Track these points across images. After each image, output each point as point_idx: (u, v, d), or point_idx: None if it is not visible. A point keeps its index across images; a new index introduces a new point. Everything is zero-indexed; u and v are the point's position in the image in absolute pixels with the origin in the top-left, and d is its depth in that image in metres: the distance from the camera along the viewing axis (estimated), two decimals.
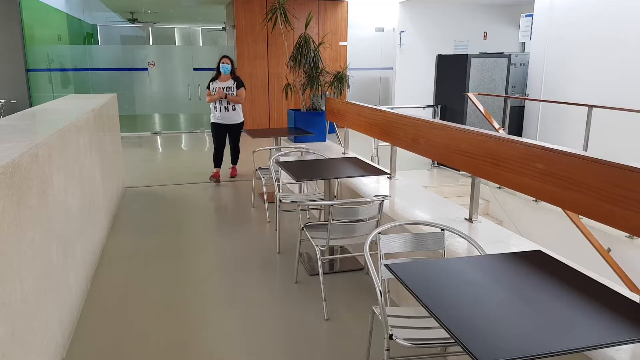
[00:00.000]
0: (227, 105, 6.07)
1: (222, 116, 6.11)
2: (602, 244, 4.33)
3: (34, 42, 9.43)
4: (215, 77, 6.09)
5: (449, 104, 7.56)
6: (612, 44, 6.37)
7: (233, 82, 6.08)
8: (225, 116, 6.13)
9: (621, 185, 2.02)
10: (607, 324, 1.46)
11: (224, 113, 6.11)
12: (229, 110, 6.12)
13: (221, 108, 6.07)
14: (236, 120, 6.18)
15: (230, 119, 6.16)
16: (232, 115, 6.15)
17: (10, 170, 1.95)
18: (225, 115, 6.13)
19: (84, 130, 3.65)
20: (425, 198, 3.79)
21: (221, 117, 6.12)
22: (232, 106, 6.08)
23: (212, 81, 6.10)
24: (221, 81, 6.04)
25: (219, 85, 6.06)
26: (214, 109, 6.11)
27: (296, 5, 9.87)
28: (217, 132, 6.21)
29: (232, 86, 6.03)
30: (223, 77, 6.05)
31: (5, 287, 1.83)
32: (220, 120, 6.14)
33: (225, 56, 6.07)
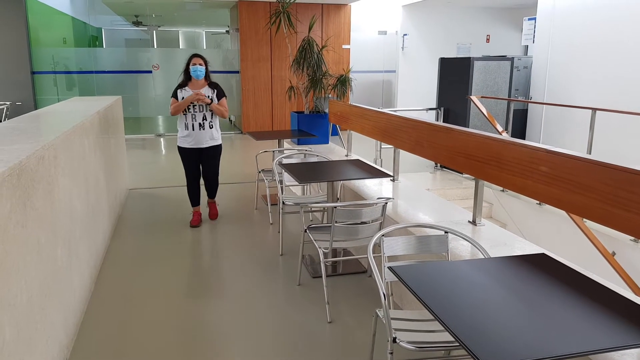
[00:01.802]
0: (204, 120, 4.47)
1: (196, 137, 4.50)
2: (607, 247, 4.32)
3: (39, 45, 9.48)
4: (183, 84, 4.51)
5: (452, 107, 7.56)
6: (615, 47, 6.37)
7: (212, 90, 4.51)
8: (200, 137, 4.50)
9: (625, 188, 2.02)
10: (612, 328, 1.46)
11: (199, 133, 4.48)
12: (205, 127, 4.47)
13: (195, 125, 4.45)
14: (214, 141, 4.60)
15: (206, 140, 4.53)
16: (209, 135, 4.54)
17: (17, 172, 1.96)
18: (200, 135, 4.49)
19: (88, 132, 3.67)
20: (429, 201, 3.79)
21: (194, 139, 4.50)
22: (210, 122, 4.50)
23: (179, 89, 4.49)
24: (193, 89, 4.49)
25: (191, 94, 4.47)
26: (184, 127, 4.48)
27: (299, 8, 9.90)
28: (188, 160, 4.60)
29: (211, 95, 4.50)
30: (195, 83, 4.50)
31: (11, 288, 1.85)
32: (192, 144, 4.52)
33: (196, 55, 4.50)
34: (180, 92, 4.47)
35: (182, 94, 4.45)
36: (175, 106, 4.44)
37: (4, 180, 1.81)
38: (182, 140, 4.56)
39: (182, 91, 4.47)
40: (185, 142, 4.53)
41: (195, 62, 4.42)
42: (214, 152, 4.65)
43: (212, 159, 4.66)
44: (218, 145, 4.64)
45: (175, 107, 4.44)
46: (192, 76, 4.45)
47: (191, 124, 4.47)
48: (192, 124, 4.46)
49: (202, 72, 4.45)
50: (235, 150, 8.76)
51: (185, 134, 4.52)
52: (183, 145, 4.56)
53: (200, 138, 4.50)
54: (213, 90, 4.51)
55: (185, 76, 4.51)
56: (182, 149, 4.57)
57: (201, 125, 4.47)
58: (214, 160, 4.69)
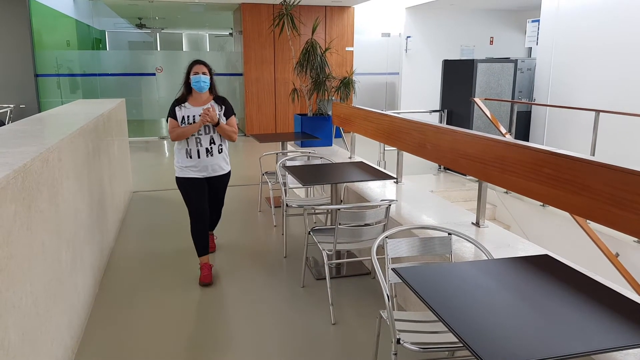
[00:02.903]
0: (212, 144, 3.51)
1: (204, 164, 3.53)
2: (610, 248, 4.31)
3: (43, 48, 9.53)
4: (182, 99, 3.53)
5: (456, 109, 7.56)
6: (619, 49, 6.35)
7: (219, 107, 3.56)
8: (210, 164, 3.55)
9: (629, 189, 2.02)
10: (615, 328, 1.46)
11: (208, 160, 3.53)
12: (213, 153, 3.53)
13: (201, 151, 3.48)
14: (223, 168, 3.67)
15: (215, 167, 3.60)
16: (219, 161, 3.60)
17: (22, 175, 1.97)
18: (209, 162, 3.54)
19: (92, 135, 3.69)
20: (432, 202, 3.79)
21: (202, 166, 3.53)
22: (220, 146, 3.56)
23: (178, 105, 3.51)
24: (195, 105, 3.51)
25: (195, 111, 3.47)
26: (186, 154, 3.49)
27: (303, 11, 9.92)
28: (195, 193, 3.55)
29: (218, 113, 3.52)
30: (197, 97, 3.53)
31: (17, 290, 1.86)
32: (199, 173, 3.54)
33: (198, 62, 3.54)
34: (179, 110, 3.46)
35: (182, 113, 3.45)
36: (179, 132, 3.40)
37: (8, 183, 1.83)
38: (184, 170, 3.51)
39: (181, 109, 3.46)
40: (190, 171, 3.52)
41: (198, 71, 3.45)
42: (225, 181, 3.73)
43: (221, 190, 3.76)
44: (228, 172, 3.73)
45: (179, 133, 3.41)
46: (194, 88, 3.48)
47: (196, 151, 3.45)
48: (198, 150, 3.45)
49: (207, 83, 3.48)
50: (238, 153, 8.77)
51: (189, 164, 3.51)
52: (187, 174, 3.50)
53: (209, 164, 3.55)
54: (220, 107, 3.54)
55: (185, 89, 3.55)
56: (187, 180, 3.51)
57: (209, 150, 3.48)
58: (223, 189, 3.78)
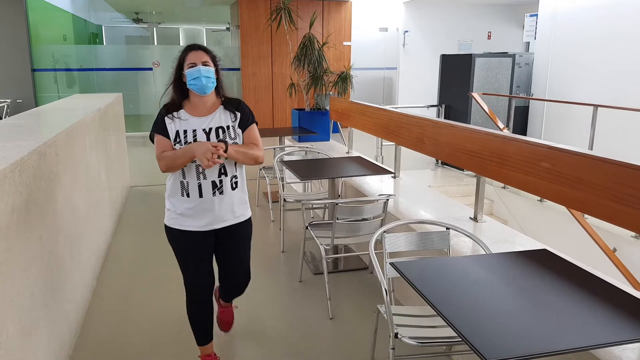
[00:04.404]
0: (224, 174, 2.27)
1: (209, 209, 2.28)
2: (608, 243, 4.32)
3: (39, 42, 9.48)
4: (174, 105, 2.28)
5: (453, 104, 7.55)
6: (617, 43, 6.35)
7: (232, 114, 2.31)
8: (218, 208, 2.29)
9: (627, 184, 2.02)
10: (614, 323, 1.46)
11: (214, 201, 2.28)
12: (224, 189, 2.28)
13: (204, 187, 2.24)
14: (241, 213, 2.39)
15: (226, 213, 2.33)
16: (233, 201, 2.34)
17: (18, 169, 1.96)
18: (217, 205, 2.29)
19: (90, 129, 3.67)
20: (430, 197, 3.79)
21: (205, 215, 2.28)
22: (234, 177, 2.31)
23: (167, 115, 2.26)
24: (196, 113, 2.27)
25: (193, 126, 2.23)
26: (182, 190, 2.25)
27: (300, 5, 9.88)
28: (193, 256, 2.35)
29: (231, 124, 2.29)
30: (198, 102, 2.27)
31: (14, 285, 1.85)
32: (200, 223, 2.29)
33: (194, 47, 2.24)
34: (170, 122, 2.21)
35: (175, 126, 2.20)
36: (171, 159, 2.16)
37: (5, 177, 1.82)
38: (178, 218, 2.25)
39: (173, 120, 2.21)
40: (186, 220, 2.24)
41: (196, 61, 2.17)
42: (244, 230, 2.40)
43: (241, 247, 2.41)
44: (249, 218, 2.41)
45: (170, 161, 2.17)
46: (191, 89, 2.20)
47: (196, 186, 2.21)
48: (199, 186, 2.21)
49: (212, 78, 2.20)
50: None
51: (184, 207, 2.23)
52: (181, 225, 2.25)
53: (218, 211, 2.26)
54: (234, 115, 2.28)
55: (176, 90, 2.25)
56: (180, 234, 2.26)
57: (217, 186, 2.22)
58: (244, 245, 2.42)
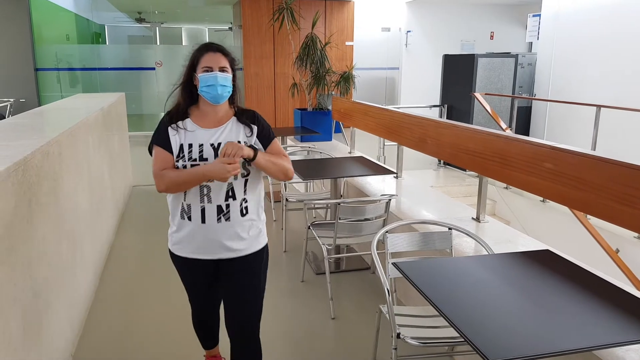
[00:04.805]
0: (232, 197, 1.88)
1: (209, 236, 1.89)
2: (611, 244, 4.31)
3: (42, 42, 9.50)
4: (179, 113, 1.94)
5: (456, 104, 7.54)
6: (620, 44, 6.33)
7: (247, 128, 1.99)
8: (220, 236, 1.89)
9: (630, 184, 2.01)
10: (617, 324, 1.46)
11: (216, 228, 1.88)
12: (230, 214, 1.89)
13: (207, 211, 1.87)
14: (252, 243, 1.96)
15: (229, 242, 1.91)
16: (239, 229, 1.91)
17: (22, 168, 1.97)
18: (219, 233, 1.89)
19: (93, 128, 3.68)
20: (432, 197, 3.79)
21: (202, 242, 1.91)
22: (243, 201, 1.91)
23: (171, 124, 1.93)
24: (204, 124, 1.92)
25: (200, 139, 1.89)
26: (180, 212, 1.92)
27: (303, 5, 9.88)
28: (193, 280, 2.12)
29: (244, 140, 1.96)
30: (208, 111, 1.94)
31: (17, 283, 1.86)
32: (200, 250, 1.93)
33: (213, 47, 1.88)
34: (174, 133, 1.91)
35: (179, 139, 1.90)
36: (174, 180, 1.87)
37: (9, 176, 1.82)
38: (177, 241, 1.97)
39: (178, 131, 1.91)
40: (186, 246, 1.95)
41: (212, 65, 1.86)
42: (252, 268, 1.99)
43: (245, 281, 1.99)
44: (260, 251, 1.99)
45: (172, 182, 1.87)
46: (203, 97, 1.89)
47: (199, 210, 1.88)
48: (202, 210, 1.88)
49: (228, 87, 1.90)
50: None
51: (184, 231, 1.93)
52: (180, 252, 1.98)
53: (222, 240, 1.90)
54: (249, 129, 1.98)
55: (184, 94, 1.94)
56: (180, 260, 2.01)
57: (223, 211, 1.88)
58: (250, 285, 2.00)
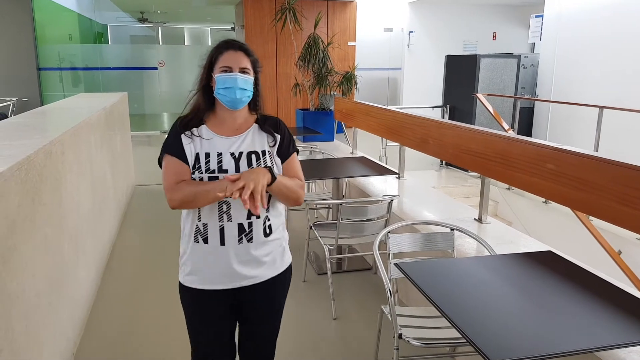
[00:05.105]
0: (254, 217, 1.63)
1: (230, 260, 1.63)
2: (613, 246, 4.30)
3: (45, 42, 9.52)
4: (194, 118, 1.68)
5: (458, 105, 7.53)
6: (623, 45, 6.32)
7: (269, 137, 1.68)
8: (243, 260, 1.64)
9: (632, 185, 2.01)
10: (619, 325, 1.46)
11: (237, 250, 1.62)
12: (253, 235, 1.63)
13: (227, 231, 1.61)
14: (276, 265, 1.71)
15: (253, 268, 1.66)
16: (267, 249, 1.68)
17: (25, 167, 1.97)
18: (241, 256, 1.63)
19: (95, 128, 3.68)
20: (434, 198, 3.79)
21: (226, 265, 1.63)
22: (267, 220, 1.66)
23: (184, 132, 1.65)
24: (222, 132, 1.65)
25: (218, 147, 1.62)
26: (197, 233, 1.64)
27: (305, 5, 9.87)
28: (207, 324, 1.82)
29: (268, 149, 1.66)
30: (226, 117, 1.67)
31: (20, 282, 1.86)
32: (218, 280, 1.66)
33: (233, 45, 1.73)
34: (189, 141, 1.66)
35: (194, 147, 1.65)
36: (189, 194, 1.59)
37: (12, 175, 1.83)
38: (189, 271, 1.71)
39: (192, 139, 1.66)
40: (198, 277, 1.70)
41: (232, 65, 1.67)
42: (275, 290, 1.78)
43: (266, 309, 1.82)
44: (285, 272, 1.77)
45: (187, 198, 1.59)
46: (220, 101, 1.67)
47: (217, 229, 1.64)
48: (221, 230, 1.63)
49: (249, 91, 1.67)
50: None
51: (199, 255, 1.67)
52: (193, 282, 1.71)
53: (244, 264, 1.66)
54: (272, 138, 1.71)
55: (203, 97, 1.70)
56: (193, 294, 1.74)
57: (245, 230, 1.65)
58: (271, 313, 1.85)
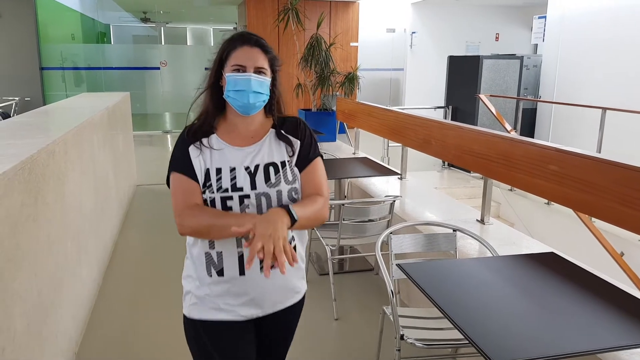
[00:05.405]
0: None
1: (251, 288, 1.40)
2: (615, 247, 4.29)
3: (48, 41, 9.54)
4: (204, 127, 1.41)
5: (460, 106, 7.52)
6: (626, 46, 6.31)
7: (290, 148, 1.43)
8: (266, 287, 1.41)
9: (635, 187, 2.00)
10: (621, 327, 1.46)
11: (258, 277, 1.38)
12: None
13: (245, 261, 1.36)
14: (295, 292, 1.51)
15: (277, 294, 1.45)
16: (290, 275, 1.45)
17: (28, 166, 1.98)
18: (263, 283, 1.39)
19: (98, 128, 3.69)
20: (436, 199, 3.78)
21: (251, 296, 1.41)
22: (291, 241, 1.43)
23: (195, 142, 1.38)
24: (234, 141, 1.39)
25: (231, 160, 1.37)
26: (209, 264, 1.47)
27: (308, 5, 9.88)
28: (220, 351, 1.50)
29: (288, 159, 1.41)
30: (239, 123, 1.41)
31: (22, 281, 1.86)
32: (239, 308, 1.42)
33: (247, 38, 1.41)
34: (197, 153, 1.38)
35: (203, 162, 1.38)
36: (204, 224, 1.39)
37: (15, 175, 1.83)
38: (204, 301, 1.48)
39: (201, 150, 1.39)
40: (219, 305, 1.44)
41: (245, 64, 1.40)
42: (289, 318, 1.58)
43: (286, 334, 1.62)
44: (302, 299, 1.57)
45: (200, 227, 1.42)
46: (231, 105, 1.40)
47: (235, 258, 1.40)
48: (240, 256, 1.40)
49: (264, 94, 1.42)
50: None
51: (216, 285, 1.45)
52: (209, 313, 1.48)
53: (266, 293, 1.44)
54: (291, 148, 1.44)
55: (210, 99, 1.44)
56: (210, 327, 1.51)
57: None
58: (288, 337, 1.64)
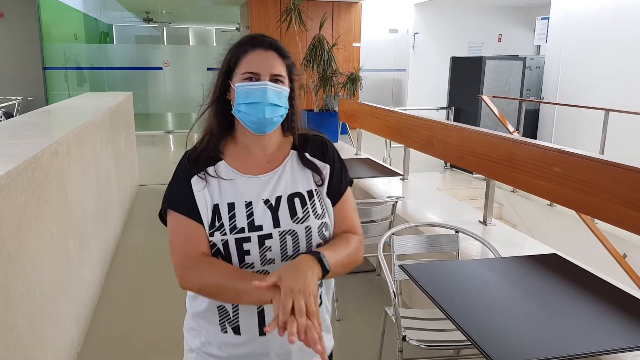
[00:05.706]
0: None
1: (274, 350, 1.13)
2: (618, 249, 4.28)
3: (51, 41, 9.57)
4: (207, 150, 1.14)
5: (463, 107, 7.52)
6: (629, 47, 6.29)
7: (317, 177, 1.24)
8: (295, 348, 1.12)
9: (638, 189, 2.00)
10: (624, 329, 1.45)
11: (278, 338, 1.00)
12: None
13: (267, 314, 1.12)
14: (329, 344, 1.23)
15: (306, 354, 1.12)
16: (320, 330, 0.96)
17: (31, 166, 1.98)
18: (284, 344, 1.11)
19: (100, 127, 3.70)
20: (439, 200, 3.78)
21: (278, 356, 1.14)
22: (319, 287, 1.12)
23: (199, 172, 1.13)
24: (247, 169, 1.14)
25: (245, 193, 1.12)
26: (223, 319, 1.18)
27: (310, 6, 9.88)
28: None
29: (315, 188, 1.22)
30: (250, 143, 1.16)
31: (25, 280, 1.87)
32: None
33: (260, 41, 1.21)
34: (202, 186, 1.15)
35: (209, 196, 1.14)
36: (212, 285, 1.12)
37: (19, 174, 1.83)
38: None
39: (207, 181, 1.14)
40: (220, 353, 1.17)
41: (259, 69, 1.16)
42: None
43: None
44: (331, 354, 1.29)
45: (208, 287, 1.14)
46: (242, 122, 1.13)
47: (254, 314, 1.13)
48: (260, 313, 1.13)
49: (282, 107, 1.14)
50: None
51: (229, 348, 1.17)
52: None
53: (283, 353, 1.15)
54: (319, 176, 1.26)
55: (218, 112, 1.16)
56: None
57: None
58: None
